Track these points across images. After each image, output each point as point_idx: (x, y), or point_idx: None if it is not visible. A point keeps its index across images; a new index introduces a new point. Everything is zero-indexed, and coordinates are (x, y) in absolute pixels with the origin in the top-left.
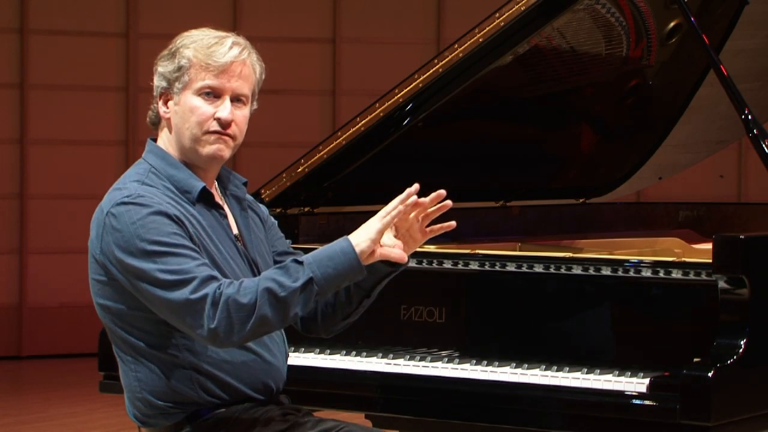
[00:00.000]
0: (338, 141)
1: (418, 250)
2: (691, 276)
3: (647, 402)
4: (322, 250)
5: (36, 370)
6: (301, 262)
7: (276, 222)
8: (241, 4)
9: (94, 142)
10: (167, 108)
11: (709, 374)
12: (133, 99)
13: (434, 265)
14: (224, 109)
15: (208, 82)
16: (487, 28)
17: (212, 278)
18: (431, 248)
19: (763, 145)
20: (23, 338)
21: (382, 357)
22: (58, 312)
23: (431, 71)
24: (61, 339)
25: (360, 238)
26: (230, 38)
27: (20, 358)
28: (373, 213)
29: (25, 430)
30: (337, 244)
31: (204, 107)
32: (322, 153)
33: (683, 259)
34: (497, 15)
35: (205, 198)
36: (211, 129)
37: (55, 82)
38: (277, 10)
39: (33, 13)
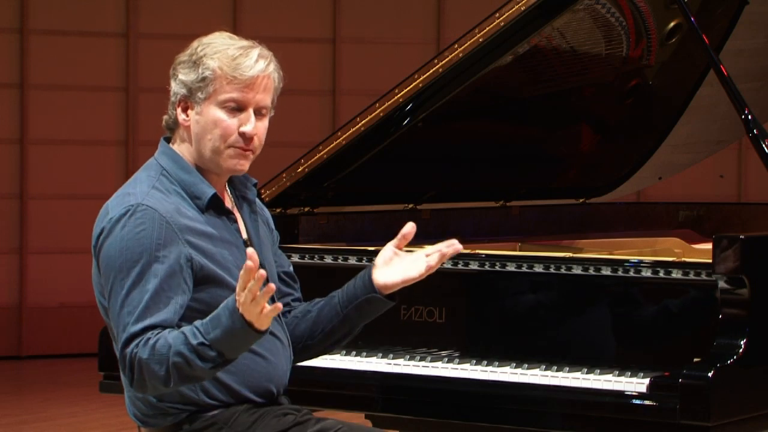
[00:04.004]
0: (338, 141)
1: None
2: (691, 276)
3: (647, 402)
4: (222, 329)
5: (36, 370)
6: (209, 345)
7: (278, 237)
8: (241, 4)
9: (94, 142)
10: (186, 116)
11: (709, 374)
12: (133, 99)
13: None
14: (249, 123)
15: (234, 96)
16: (487, 28)
17: (133, 337)
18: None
19: (763, 145)
20: (23, 338)
21: (382, 357)
22: (58, 312)
23: (431, 71)
24: (61, 339)
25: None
26: (255, 50)
27: (20, 358)
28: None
29: (25, 430)
30: (231, 320)
31: (228, 121)
32: (322, 153)
33: (683, 259)
34: (497, 15)
35: (214, 205)
36: (236, 144)
37: (55, 82)
38: (277, 10)
39: (33, 13)
